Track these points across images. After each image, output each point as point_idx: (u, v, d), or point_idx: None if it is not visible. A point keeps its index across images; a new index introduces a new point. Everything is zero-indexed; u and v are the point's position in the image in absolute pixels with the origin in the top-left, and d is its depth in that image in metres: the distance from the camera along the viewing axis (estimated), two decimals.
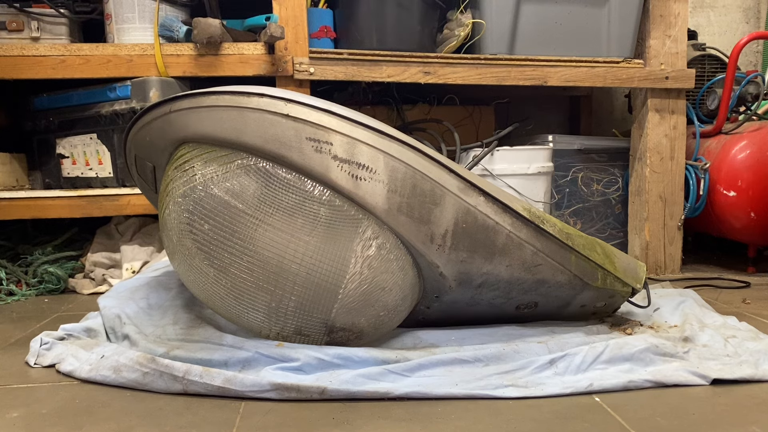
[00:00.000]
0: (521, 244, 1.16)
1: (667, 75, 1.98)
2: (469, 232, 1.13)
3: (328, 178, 1.05)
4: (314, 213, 1.07)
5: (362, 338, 1.18)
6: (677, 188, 2.03)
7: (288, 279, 1.08)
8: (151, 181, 1.27)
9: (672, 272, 2.04)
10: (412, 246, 1.11)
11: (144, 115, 1.16)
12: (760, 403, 1.05)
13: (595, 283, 1.26)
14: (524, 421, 0.99)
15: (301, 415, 1.01)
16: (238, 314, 1.16)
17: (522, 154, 1.94)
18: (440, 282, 1.18)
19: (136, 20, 1.82)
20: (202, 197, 1.09)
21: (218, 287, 1.13)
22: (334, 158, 1.05)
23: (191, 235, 1.10)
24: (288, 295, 1.10)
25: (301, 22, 1.80)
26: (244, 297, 1.12)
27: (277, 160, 1.05)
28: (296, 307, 1.11)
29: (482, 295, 1.23)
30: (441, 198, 1.10)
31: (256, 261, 1.08)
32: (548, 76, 1.92)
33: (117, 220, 2.00)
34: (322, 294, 1.10)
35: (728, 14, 2.80)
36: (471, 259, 1.15)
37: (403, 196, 1.08)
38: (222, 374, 1.07)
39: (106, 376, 1.12)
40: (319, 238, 1.07)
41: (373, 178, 1.06)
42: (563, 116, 2.71)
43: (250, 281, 1.10)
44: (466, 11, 1.94)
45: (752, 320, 1.46)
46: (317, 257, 1.08)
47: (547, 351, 1.19)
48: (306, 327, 1.14)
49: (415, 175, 1.08)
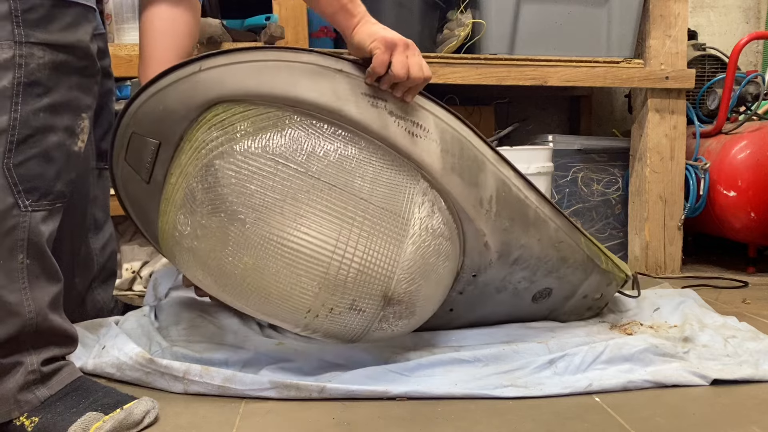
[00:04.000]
0: (546, 220, 1.21)
1: (667, 75, 1.98)
2: (508, 201, 1.16)
3: (387, 134, 1.02)
4: (374, 172, 1.02)
5: (412, 318, 1.09)
6: (677, 188, 2.03)
7: (348, 244, 0.99)
8: (146, 166, 1.10)
9: (672, 272, 2.04)
10: (463, 210, 1.10)
11: (158, 80, 1.02)
12: (760, 404, 1.05)
13: (601, 264, 1.31)
14: (524, 421, 0.99)
15: (301, 415, 1.01)
16: (282, 293, 1.01)
17: (522, 154, 1.94)
18: (483, 255, 1.17)
19: (136, 20, 1.81)
20: (246, 156, 0.99)
21: (264, 258, 0.99)
22: (391, 114, 1.03)
23: (230, 200, 0.98)
24: (348, 261, 1.00)
25: (301, 22, 1.80)
26: (297, 267, 0.99)
27: (334, 114, 1.01)
28: (356, 275, 1.00)
29: (513, 275, 1.24)
30: (483, 164, 1.12)
31: (313, 224, 0.98)
32: (548, 76, 1.92)
33: (117, 220, 2.00)
34: (384, 259, 1.02)
35: (728, 14, 2.80)
36: (512, 228, 1.17)
37: (455, 157, 1.09)
38: (221, 373, 1.08)
39: (111, 374, 1.12)
40: (378, 198, 1.02)
41: (427, 137, 1.06)
42: (563, 116, 2.71)
43: (304, 248, 0.99)
44: (466, 11, 1.94)
45: (752, 320, 1.46)
46: (378, 219, 1.01)
47: (547, 351, 1.19)
48: (362, 299, 1.02)
49: (461, 139, 1.10)
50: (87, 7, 0.98)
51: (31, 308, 0.93)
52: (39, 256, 0.94)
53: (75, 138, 0.99)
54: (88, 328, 1.26)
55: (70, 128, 0.97)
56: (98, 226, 1.36)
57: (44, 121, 0.94)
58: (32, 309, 0.93)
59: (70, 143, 0.98)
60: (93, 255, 1.35)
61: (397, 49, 1.05)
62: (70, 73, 0.96)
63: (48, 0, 0.92)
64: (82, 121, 0.99)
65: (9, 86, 0.90)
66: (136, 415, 0.95)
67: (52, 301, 0.96)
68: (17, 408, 0.93)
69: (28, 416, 0.93)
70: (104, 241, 1.38)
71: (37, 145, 0.93)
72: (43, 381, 0.95)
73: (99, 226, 1.36)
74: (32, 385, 0.94)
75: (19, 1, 0.90)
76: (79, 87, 0.98)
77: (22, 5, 0.90)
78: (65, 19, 0.94)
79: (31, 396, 0.93)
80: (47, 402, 0.94)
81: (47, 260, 0.96)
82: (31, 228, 0.93)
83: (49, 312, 0.95)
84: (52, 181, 0.95)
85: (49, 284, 0.96)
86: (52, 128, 0.95)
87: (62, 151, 0.96)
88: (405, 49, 1.06)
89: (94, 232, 1.35)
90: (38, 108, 0.93)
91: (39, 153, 0.93)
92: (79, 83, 0.98)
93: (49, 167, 0.95)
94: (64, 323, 0.99)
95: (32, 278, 0.93)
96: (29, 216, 0.93)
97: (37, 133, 0.93)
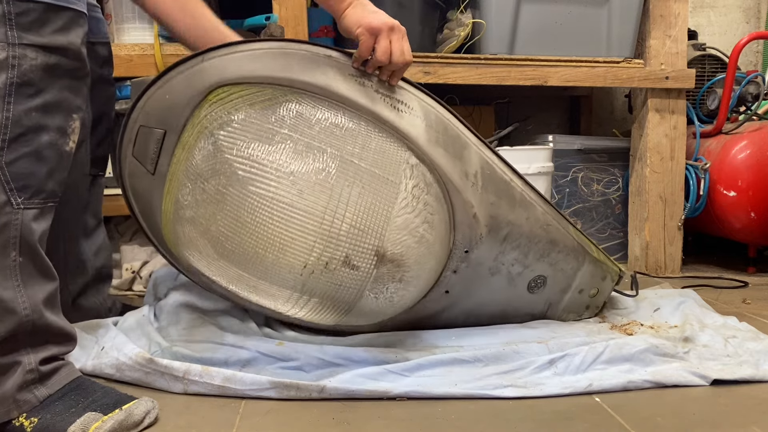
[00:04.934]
0: (532, 202, 1.26)
1: (667, 75, 1.98)
2: (493, 179, 1.22)
3: (374, 108, 1.12)
4: (363, 140, 1.11)
5: (407, 286, 1.15)
6: (677, 188, 2.03)
7: (341, 200, 1.07)
8: (152, 156, 1.16)
9: (672, 272, 2.04)
10: (450, 181, 1.16)
11: (166, 73, 1.12)
12: (760, 404, 1.05)
13: (592, 253, 1.35)
14: (525, 421, 0.99)
15: (300, 415, 1.01)
16: (280, 248, 1.07)
17: (522, 154, 1.94)
18: (473, 228, 1.21)
19: (136, 20, 1.81)
20: (244, 125, 1.07)
21: (262, 215, 1.06)
22: (377, 92, 1.13)
23: (228, 163, 1.07)
24: (341, 215, 1.08)
25: (302, 22, 1.80)
26: (293, 221, 1.06)
27: (324, 91, 1.10)
28: (349, 229, 1.08)
29: (505, 254, 1.27)
30: (466, 145, 1.20)
31: (307, 182, 1.07)
32: (548, 76, 1.92)
33: (117, 220, 2.00)
34: (376, 216, 1.09)
35: (728, 14, 2.80)
36: (499, 204, 1.23)
37: (439, 132, 1.17)
38: (221, 373, 1.08)
39: (110, 375, 1.12)
40: (368, 162, 1.10)
41: (411, 113, 1.15)
42: (563, 116, 2.71)
43: (298, 203, 1.06)
44: (466, 11, 1.94)
45: (752, 320, 1.46)
46: (368, 179, 1.09)
47: (547, 351, 1.19)
48: (356, 254, 1.08)
49: (445, 121, 1.18)
50: (78, 12, 1.00)
51: (26, 305, 0.93)
52: (31, 254, 0.95)
53: (66, 138, 1.00)
54: (85, 329, 1.26)
55: (62, 128, 0.99)
56: (88, 232, 1.37)
57: (36, 121, 0.95)
58: (27, 306, 0.93)
59: (61, 143, 0.99)
60: (86, 260, 1.36)
61: (381, 34, 1.10)
62: (61, 75, 0.98)
63: (41, 4, 0.94)
64: (73, 121, 1.01)
65: (2, 86, 0.92)
66: (136, 415, 0.95)
67: (47, 298, 0.96)
68: (16, 408, 0.93)
69: (27, 416, 0.93)
70: (97, 246, 1.39)
71: (29, 143, 0.94)
72: (41, 380, 0.95)
73: (89, 233, 1.37)
74: (31, 385, 0.94)
75: (12, 4, 0.92)
76: (70, 88, 1.00)
77: (16, 8, 0.92)
78: (57, 22, 0.96)
79: (30, 396, 0.93)
80: (46, 402, 0.94)
81: (40, 258, 0.96)
82: (23, 226, 0.93)
83: (45, 310, 0.96)
84: (44, 179, 0.97)
85: (43, 282, 0.96)
86: (44, 128, 0.96)
87: (54, 150, 0.98)
88: (389, 33, 1.11)
89: (86, 238, 1.36)
90: (30, 108, 0.94)
91: (31, 152, 0.95)
92: (70, 85, 1.00)
93: (40, 166, 0.96)
94: (61, 322, 0.99)
95: (25, 276, 0.94)
96: (21, 213, 0.93)
97: (29, 132, 0.94)
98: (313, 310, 1.15)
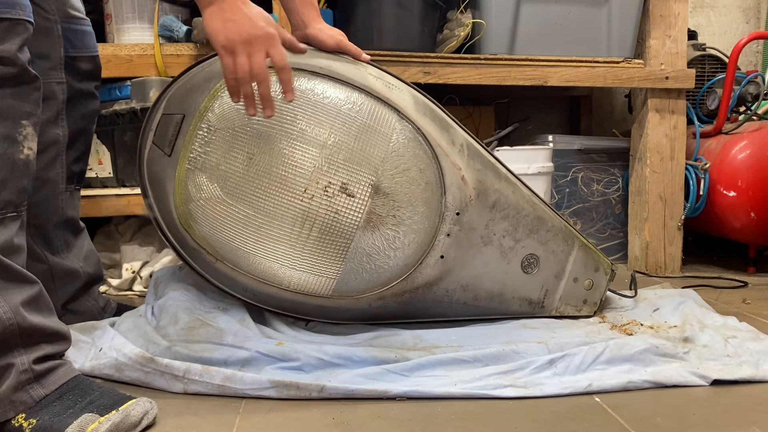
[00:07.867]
0: (516, 184, 1.37)
1: (667, 75, 1.98)
2: (478, 154, 1.34)
3: (366, 83, 1.26)
4: (358, 104, 1.25)
5: (399, 226, 1.26)
6: (677, 188, 2.03)
7: (339, 138, 1.23)
8: (170, 138, 1.25)
9: (672, 272, 2.04)
10: (438, 145, 1.28)
11: (189, 71, 1.26)
12: (760, 404, 1.05)
13: (580, 238, 1.41)
14: (525, 421, 0.99)
15: (300, 415, 1.01)
16: (282, 176, 1.21)
17: (522, 154, 1.94)
18: (462, 190, 1.29)
19: (136, 20, 1.82)
20: None
21: (266, 146, 1.21)
22: (370, 74, 1.29)
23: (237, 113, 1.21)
24: (338, 148, 1.22)
25: None
26: (294, 150, 1.22)
27: (323, 69, 1.25)
28: (347, 157, 1.22)
29: (495, 223, 1.35)
30: (450, 125, 1.33)
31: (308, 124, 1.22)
32: (548, 76, 1.92)
33: (117, 220, 1.99)
34: (370, 152, 1.23)
35: (728, 14, 2.80)
36: (485, 171, 1.34)
37: (426, 109, 1.31)
38: (221, 372, 1.08)
39: (110, 375, 1.12)
40: (363, 117, 1.24)
41: (401, 91, 1.30)
42: (563, 116, 2.71)
43: (300, 138, 1.22)
44: (466, 11, 1.94)
45: (752, 320, 1.46)
46: (363, 129, 1.24)
47: (546, 351, 1.19)
48: (353, 183, 1.23)
49: (430, 105, 1.33)
50: (14, 20, 0.98)
51: (5, 309, 0.92)
52: None
53: (18, 145, 0.99)
54: (81, 331, 1.26)
55: (9, 136, 0.97)
56: (71, 244, 1.37)
57: None
58: (7, 310, 0.92)
59: (11, 151, 0.97)
60: (77, 269, 1.37)
61: (236, 51, 1.07)
62: (1, 84, 0.96)
63: None
64: (23, 128, 0.99)
65: None
66: (133, 416, 0.94)
67: (27, 301, 0.95)
68: (12, 408, 0.92)
69: (26, 417, 0.92)
70: (84, 253, 1.39)
71: None
72: (37, 380, 0.95)
73: (71, 245, 1.37)
74: (26, 385, 0.93)
75: None
76: (13, 95, 0.98)
77: None
78: None
79: (25, 396, 0.93)
80: (44, 402, 0.94)
81: (7, 267, 0.95)
82: None
83: (27, 312, 0.95)
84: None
85: (19, 287, 0.95)
86: None
87: (4, 159, 0.96)
88: (246, 47, 1.07)
89: (68, 251, 1.36)
90: None
91: None
92: (14, 92, 0.98)
93: None
94: (48, 321, 0.98)
95: None
96: None
97: None
98: (313, 251, 1.23)
